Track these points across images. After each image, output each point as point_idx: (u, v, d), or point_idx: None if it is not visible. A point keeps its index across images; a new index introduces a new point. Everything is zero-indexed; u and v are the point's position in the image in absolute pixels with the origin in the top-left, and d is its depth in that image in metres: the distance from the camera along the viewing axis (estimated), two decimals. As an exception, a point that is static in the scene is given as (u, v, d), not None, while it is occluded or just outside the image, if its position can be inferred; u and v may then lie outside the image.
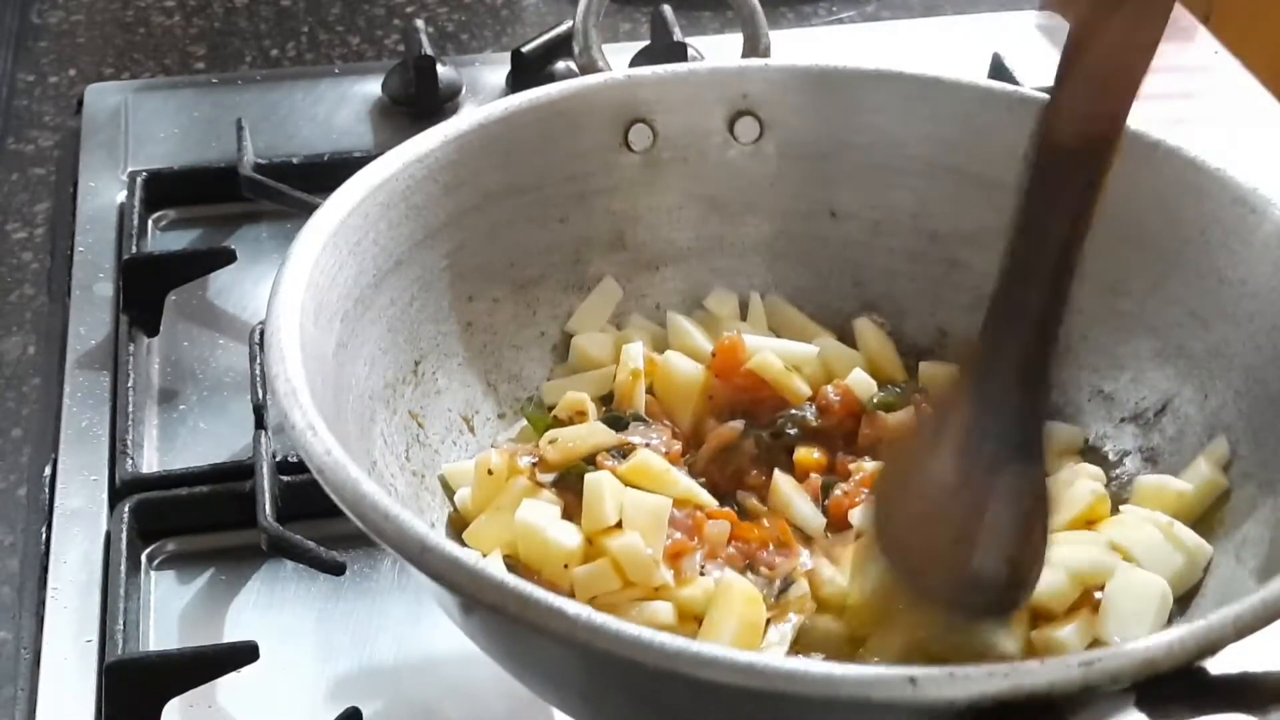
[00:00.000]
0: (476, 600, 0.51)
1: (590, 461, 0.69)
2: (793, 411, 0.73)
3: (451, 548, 0.52)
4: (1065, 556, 0.65)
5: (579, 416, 0.72)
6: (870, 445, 0.72)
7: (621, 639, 0.49)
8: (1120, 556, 0.66)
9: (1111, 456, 0.74)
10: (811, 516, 0.70)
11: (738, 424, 0.73)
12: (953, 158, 0.77)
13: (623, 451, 0.69)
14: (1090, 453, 0.74)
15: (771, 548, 0.68)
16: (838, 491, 0.70)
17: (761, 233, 0.80)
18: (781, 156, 0.79)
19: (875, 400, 0.74)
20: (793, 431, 0.73)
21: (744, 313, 0.80)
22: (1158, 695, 0.50)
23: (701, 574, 0.66)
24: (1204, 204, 0.71)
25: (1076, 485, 0.69)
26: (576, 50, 0.84)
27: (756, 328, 0.78)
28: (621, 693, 0.55)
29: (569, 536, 0.65)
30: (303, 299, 0.63)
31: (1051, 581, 0.64)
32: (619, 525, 0.66)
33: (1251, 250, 0.69)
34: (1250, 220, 0.70)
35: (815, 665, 0.49)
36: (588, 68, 0.84)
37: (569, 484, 0.68)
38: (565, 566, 0.65)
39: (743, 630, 0.63)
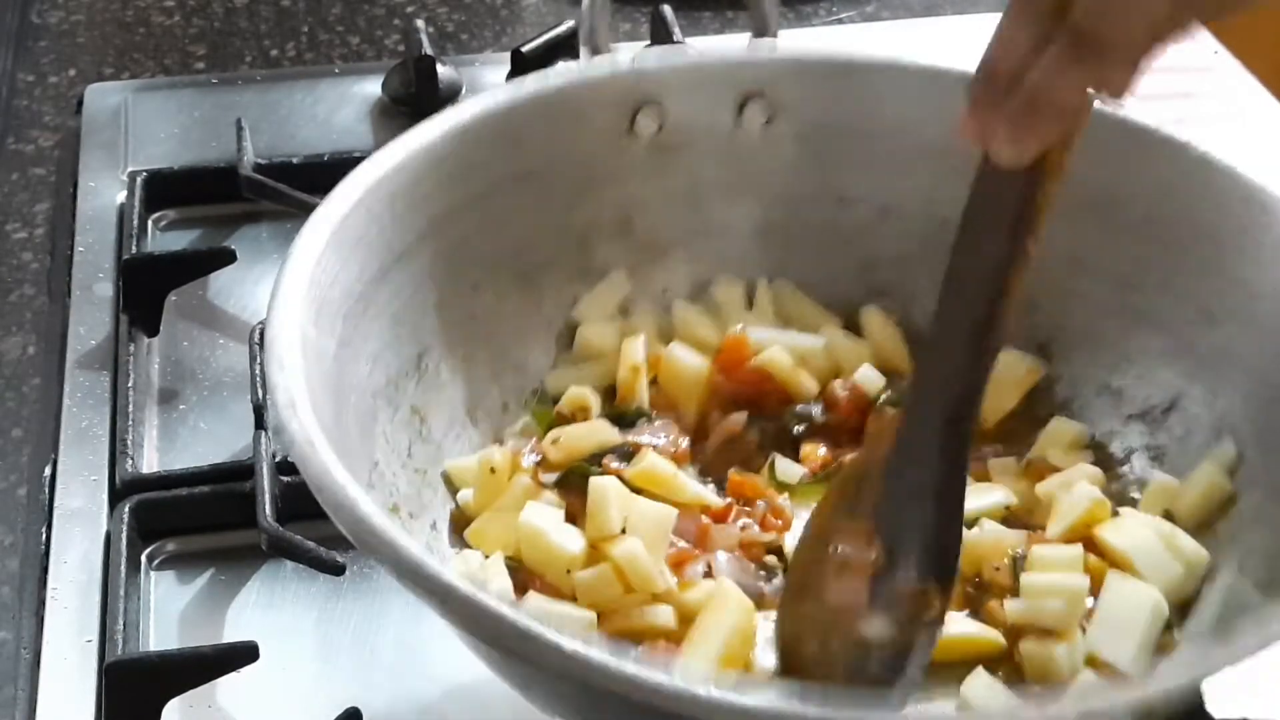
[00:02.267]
0: (472, 629, 0.51)
1: (595, 460, 0.69)
2: (799, 408, 0.73)
3: (448, 576, 0.52)
4: (1045, 584, 0.65)
5: (582, 413, 0.72)
6: None
7: (617, 677, 0.49)
8: (1118, 563, 0.66)
9: (1118, 454, 0.73)
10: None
11: (742, 416, 0.73)
12: (964, 144, 0.76)
13: (628, 452, 0.69)
14: (1097, 449, 0.74)
15: (762, 505, 0.68)
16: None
17: (769, 218, 0.79)
18: (789, 142, 0.78)
19: (884, 397, 0.74)
20: (799, 429, 0.73)
21: (751, 300, 0.79)
22: None
23: (707, 575, 0.66)
24: (1214, 200, 0.71)
25: (1075, 490, 0.69)
26: (583, 35, 0.84)
27: (763, 316, 0.78)
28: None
29: (572, 541, 0.65)
30: (304, 299, 0.63)
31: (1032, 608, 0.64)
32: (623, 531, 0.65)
33: (1262, 250, 0.69)
34: (1262, 220, 0.69)
35: (811, 708, 0.49)
36: (596, 50, 0.84)
37: (572, 484, 0.68)
38: (568, 571, 0.65)
39: (734, 637, 0.63)
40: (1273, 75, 1.17)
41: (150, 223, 0.98)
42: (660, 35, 1.08)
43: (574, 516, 0.67)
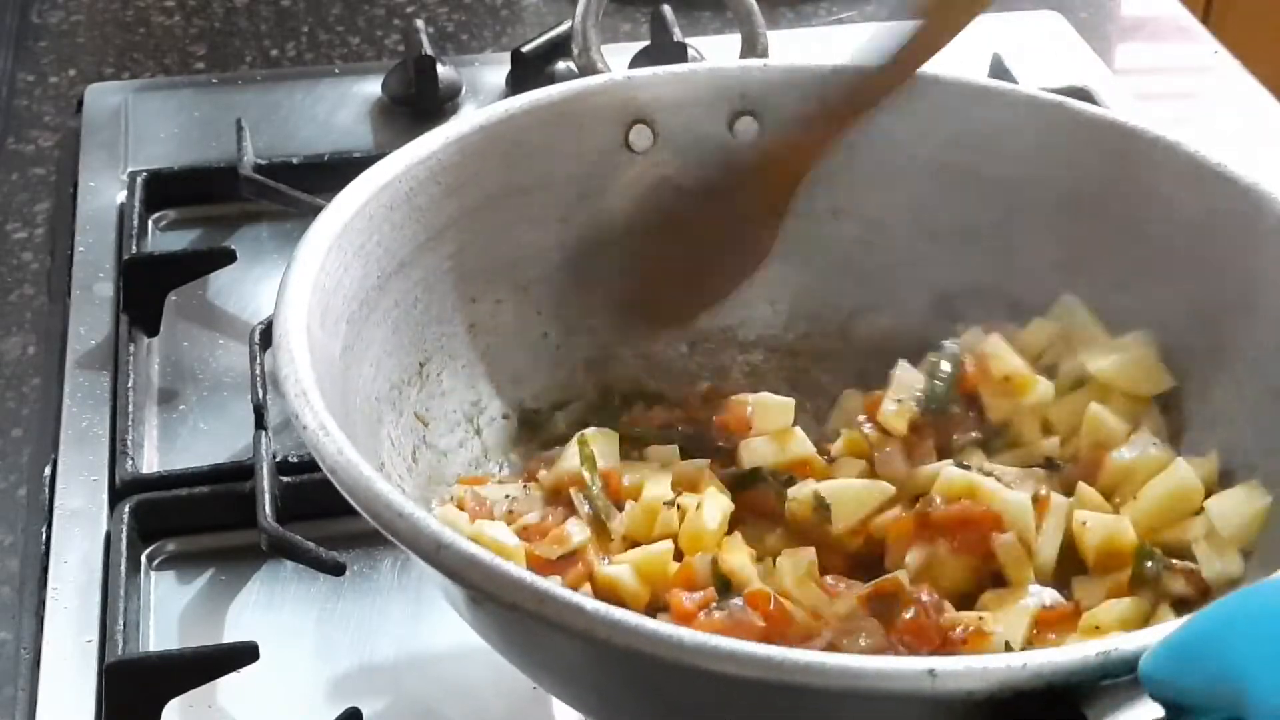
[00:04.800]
0: (493, 597, 0.51)
1: None
2: None
3: (467, 545, 0.52)
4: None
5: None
6: None
7: (640, 634, 0.49)
8: None
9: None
10: None
11: None
12: (952, 155, 0.77)
13: None
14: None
15: None
16: None
17: (761, 232, 0.80)
18: (781, 156, 0.79)
19: None
20: None
21: None
22: None
23: None
24: (1205, 199, 0.71)
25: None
26: (575, 51, 0.84)
27: None
28: (637, 686, 0.56)
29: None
30: (309, 300, 0.63)
31: None
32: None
33: (1252, 244, 0.69)
34: (1251, 214, 0.70)
35: (834, 658, 0.50)
36: (587, 69, 0.84)
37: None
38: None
39: None
40: (1273, 75, 1.17)
41: (150, 223, 0.98)
42: (660, 35, 1.08)
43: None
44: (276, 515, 0.73)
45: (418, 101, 1.07)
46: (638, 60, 1.06)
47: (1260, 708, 0.41)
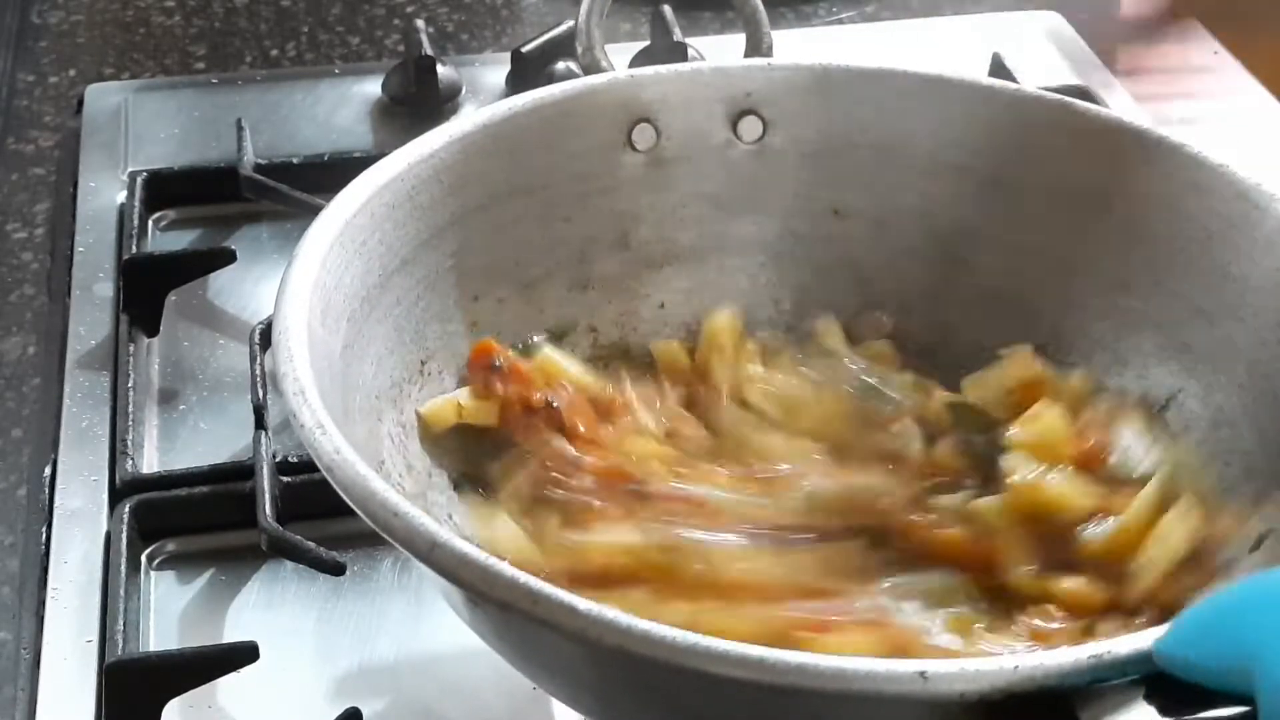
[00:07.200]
0: (487, 597, 0.51)
1: None
2: None
3: (461, 545, 0.52)
4: None
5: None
6: None
7: (632, 635, 0.49)
8: None
9: (1114, 451, 0.74)
10: None
11: None
12: (956, 155, 0.77)
13: None
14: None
15: None
16: None
17: (765, 231, 0.80)
18: (785, 155, 0.79)
19: None
20: None
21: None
22: (1168, 688, 0.50)
23: None
24: (1207, 200, 0.71)
25: None
26: (579, 50, 0.84)
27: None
28: (632, 687, 0.55)
29: None
30: (310, 299, 0.63)
31: None
32: None
33: (1255, 246, 0.69)
34: (1254, 216, 0.70)
35: (826, 659, 0.49)
36: (591, 67, 0.84)
37: None
38: None
39: None
40: (1273, 75, 1.17)
41: (150, 223, 0.98)
42: (660, 36, 1.08)
43: None
44: (276, 515, 0.72)
45: (418, 101, 1.07)
46: (638, 60, 1.06)
47: (1271, 685, 0.41)
